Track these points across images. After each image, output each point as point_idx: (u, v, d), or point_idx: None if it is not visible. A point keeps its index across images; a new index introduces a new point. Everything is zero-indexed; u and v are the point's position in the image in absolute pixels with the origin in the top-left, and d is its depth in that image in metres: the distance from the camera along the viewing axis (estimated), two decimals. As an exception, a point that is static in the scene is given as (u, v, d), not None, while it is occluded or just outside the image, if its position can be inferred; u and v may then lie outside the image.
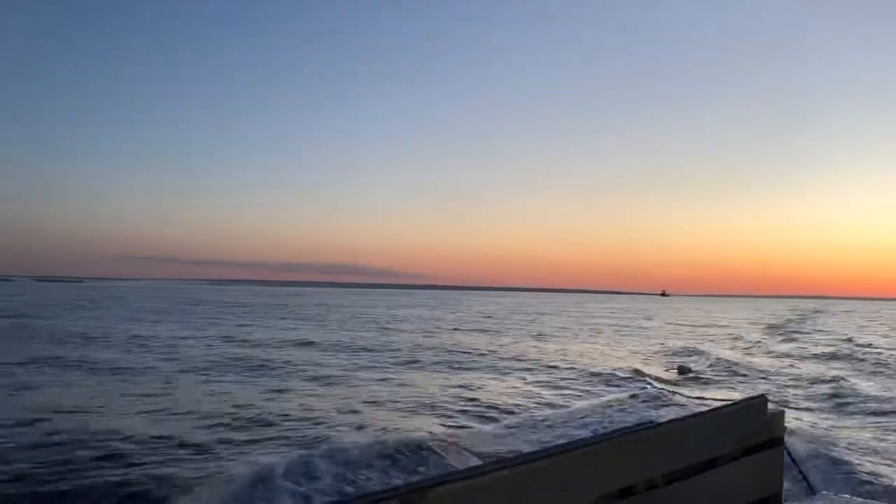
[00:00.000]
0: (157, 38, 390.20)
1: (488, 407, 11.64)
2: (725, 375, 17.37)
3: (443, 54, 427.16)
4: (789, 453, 2.57)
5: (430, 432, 9.16)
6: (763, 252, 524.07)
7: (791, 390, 14.60)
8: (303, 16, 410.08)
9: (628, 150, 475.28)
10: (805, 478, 2.87)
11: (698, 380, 16.42)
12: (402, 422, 10.08)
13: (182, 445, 8.29)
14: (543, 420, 10.72)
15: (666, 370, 18.44)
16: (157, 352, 19.17)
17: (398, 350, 21.55)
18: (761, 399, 2.46)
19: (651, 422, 2.19)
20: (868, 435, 9.70)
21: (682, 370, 18.50)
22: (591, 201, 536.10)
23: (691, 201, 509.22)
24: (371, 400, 12.16)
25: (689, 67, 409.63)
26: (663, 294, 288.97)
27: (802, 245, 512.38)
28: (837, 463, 7.42)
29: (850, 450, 8.28)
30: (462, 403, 11.95)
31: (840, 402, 12.83)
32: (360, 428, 9.38)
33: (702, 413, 2.36)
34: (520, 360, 19.69)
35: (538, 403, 12.23)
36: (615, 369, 17.19)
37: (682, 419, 2.27)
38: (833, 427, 10.32)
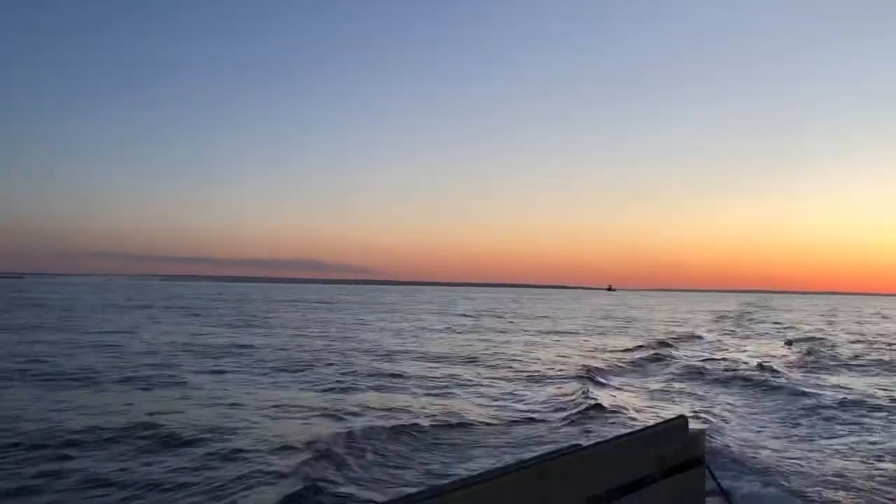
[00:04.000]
0: (120, 28, 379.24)
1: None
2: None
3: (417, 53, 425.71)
4: (711, 472, 2.55)
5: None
6: (709, 248, 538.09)
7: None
8: (286, 10, 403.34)
9: (583, 151, 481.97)
10: (727, 496, 2.82)
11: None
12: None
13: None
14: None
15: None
16: None
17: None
18: (682, 419, 2.47)
19: (574, 446, 2.20)
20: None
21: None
22: (539, 197, 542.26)
23: (636, 198, 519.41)
24: None
25: (653, 74, 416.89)
26: (609, 289, 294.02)
27: (746, 242, 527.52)
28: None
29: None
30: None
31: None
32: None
33: (622, 435, 2.37)
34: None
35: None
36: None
37: (603, 442, 2.26)
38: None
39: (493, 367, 17.92)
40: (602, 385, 14.70)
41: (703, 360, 19.81)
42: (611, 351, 23.06)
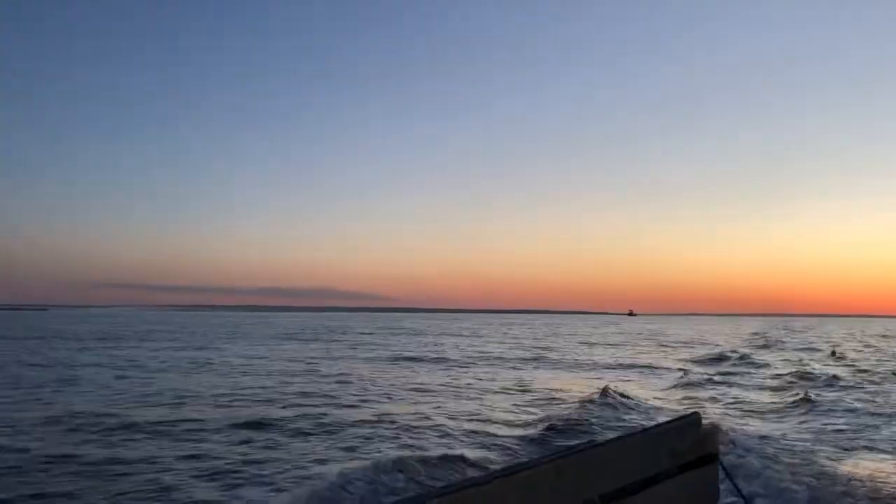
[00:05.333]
0: (111, 57, 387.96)
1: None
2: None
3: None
4: (724, 468, 2.58)
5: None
6: (728, 272, 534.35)
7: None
8: (270, 25, 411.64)
9: (601, 176, 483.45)
10: (740, 492, 2.84)
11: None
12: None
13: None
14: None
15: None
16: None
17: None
18: (695, 416, 2.49)
19: (588, 442, 2.23)
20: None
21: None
22: (558, 222, 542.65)
23: (655, 222, 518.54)
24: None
25: (670, 99, 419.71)
26: (630, 314, 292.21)
27: (766, 266, 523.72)
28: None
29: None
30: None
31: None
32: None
33: (636, 432, 2.39)
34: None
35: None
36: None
37: (617, 439, 2.29)
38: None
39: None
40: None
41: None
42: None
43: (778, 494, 6.80)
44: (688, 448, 2.40)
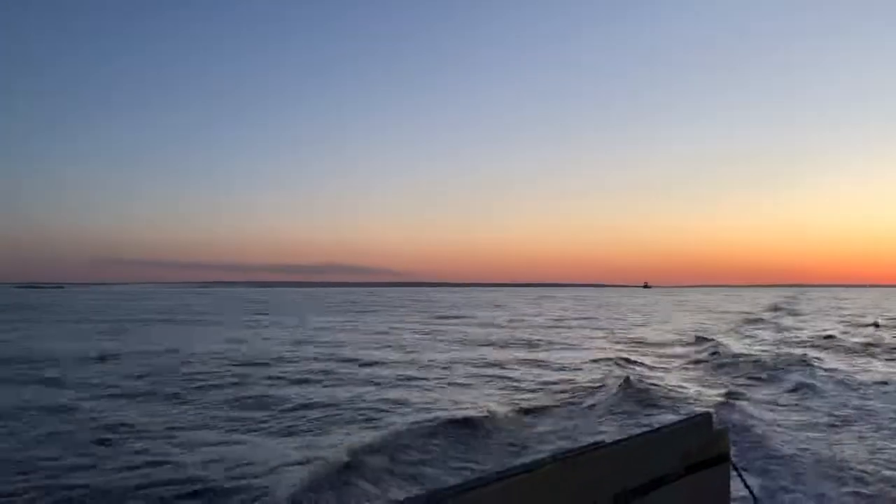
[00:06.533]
0: (139, 41, 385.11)
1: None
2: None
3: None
4: (736, 469, 2.58)
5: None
6: (743, 243, 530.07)
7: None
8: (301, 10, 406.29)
9: (615, 150, 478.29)
10: (752, 493, 2.81)
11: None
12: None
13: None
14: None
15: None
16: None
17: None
18: (706, 416, 2.50)
19: (598, 442, 2.19)
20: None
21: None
22: (574, 197, 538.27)
23: (671, 197, 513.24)
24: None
25: (684, 71, 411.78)
26: (646, 286, 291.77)
27: (779, 237, 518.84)
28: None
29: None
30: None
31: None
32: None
33: (646, 432, 2.39)
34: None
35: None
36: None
37: (627, 439, 2.28)
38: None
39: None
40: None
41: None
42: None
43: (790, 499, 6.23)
44: (698, 449, 2.40)
